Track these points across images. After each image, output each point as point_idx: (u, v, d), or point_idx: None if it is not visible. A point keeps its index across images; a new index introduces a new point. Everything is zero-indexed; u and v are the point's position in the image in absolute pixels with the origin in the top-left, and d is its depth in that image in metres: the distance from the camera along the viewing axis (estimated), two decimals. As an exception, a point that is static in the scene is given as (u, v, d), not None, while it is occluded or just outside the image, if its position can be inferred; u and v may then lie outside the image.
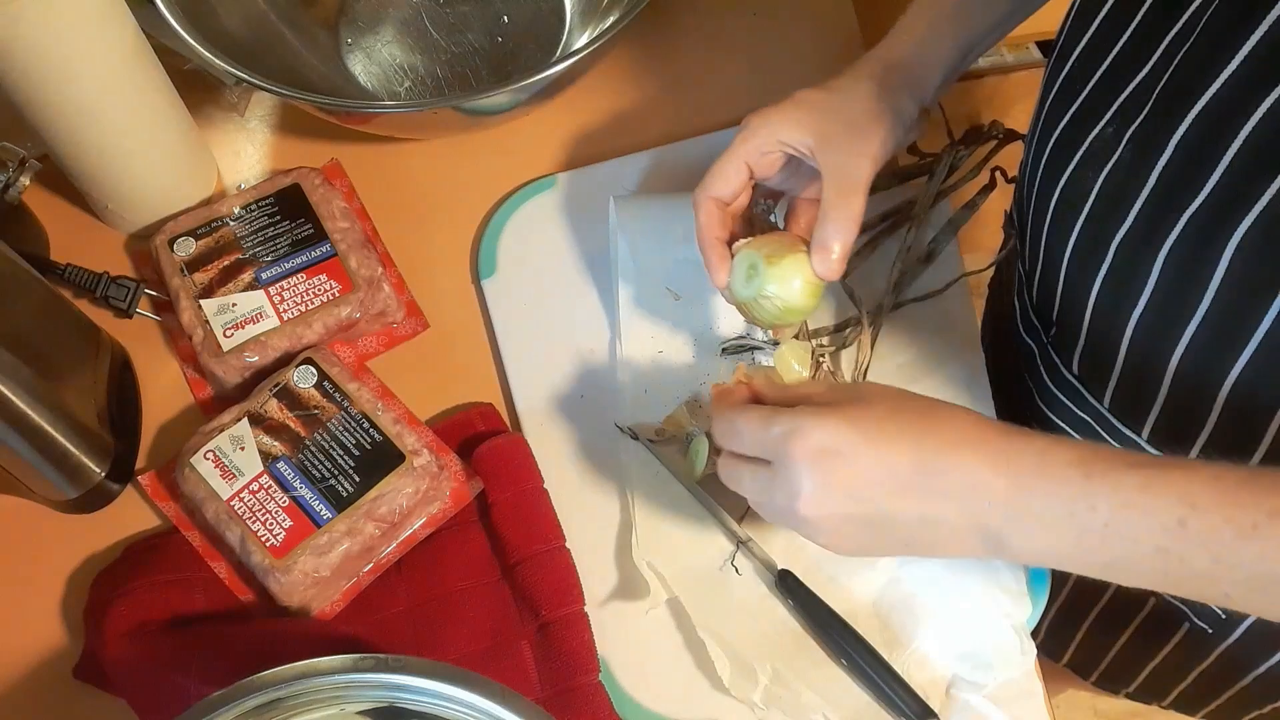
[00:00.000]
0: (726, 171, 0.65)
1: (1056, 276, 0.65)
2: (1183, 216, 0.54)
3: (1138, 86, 0.56)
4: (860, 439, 0.51)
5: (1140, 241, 0.57)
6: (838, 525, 0.53)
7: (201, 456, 0.67)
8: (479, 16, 0.90)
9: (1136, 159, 0.56)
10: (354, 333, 0.75)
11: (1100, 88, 0.59)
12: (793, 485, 0.52)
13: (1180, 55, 0.53)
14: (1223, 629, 0.72)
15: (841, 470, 0.51)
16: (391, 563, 0.68)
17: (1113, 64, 0.59)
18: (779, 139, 0.64)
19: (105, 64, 0.69)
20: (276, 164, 0.85)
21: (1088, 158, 0.60)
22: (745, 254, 0.64)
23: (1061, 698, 1.09)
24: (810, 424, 0.51)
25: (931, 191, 0.77)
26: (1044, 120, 0.65)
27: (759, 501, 0.55)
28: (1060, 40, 0.64)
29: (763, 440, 0.53)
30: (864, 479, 0.51)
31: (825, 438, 0.51)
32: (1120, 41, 0.58)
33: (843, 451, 0.51)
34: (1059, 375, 0.69)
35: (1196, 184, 0.52)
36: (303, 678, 0.53)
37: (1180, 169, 0.53)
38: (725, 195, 0.65)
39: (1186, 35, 0.53)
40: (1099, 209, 0.59)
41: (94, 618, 0.66)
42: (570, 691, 0.64)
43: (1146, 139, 0.55)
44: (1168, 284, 0.56)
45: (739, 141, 0.64)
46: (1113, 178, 0.58)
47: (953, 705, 0.63)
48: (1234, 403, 0.57)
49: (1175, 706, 0.85)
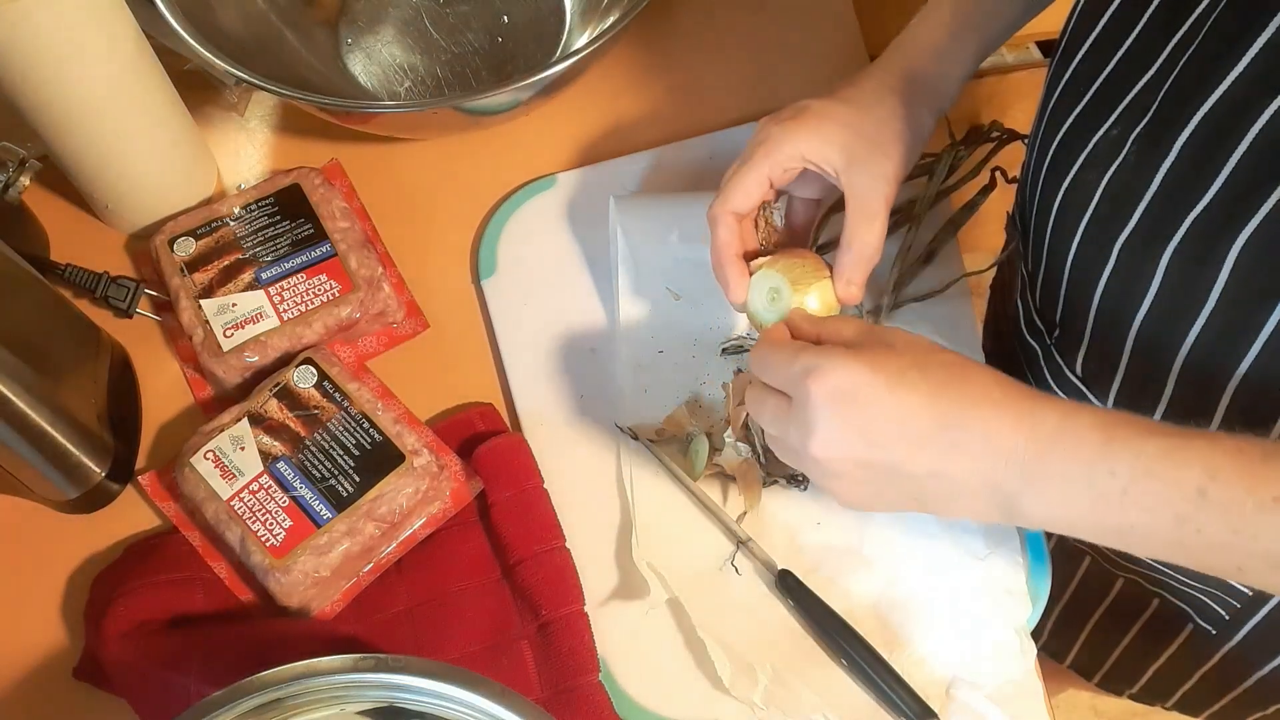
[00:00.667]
0: (748, 185, 0.62)
1: (1060, 278, 0.65)
2: (1187, 219, 0.53)
3: (1143, 88, 0.56)
4: (880, 384, 0.50)
5: (1144, 243, 0.57)
6: (848, 470, 0.52)
7: (201, 456, 0.67)
8: (479, 16, 0.90)
9: (1142, 161, 0.56)
10: (354, 333, 0.75)
11: (1106, 89, 0.59)
12: (808, 424, 0.51)
13: (1185, 58, 0.53)
14: (1226, 630, 0.72)
15: (857, 414, 0.50)
16: (391, 563, 0.68)
17: (1118, 66, 0.58)
18: (804, 155, 0.62)
19: (105, 64, 0.69)
20: (276, 164, 0.85)
21: (1092, 159, 0.60)
22: (767, 274, 0.62)
23: (1061, 698, 1.09)
24: (831, 364, 0.51)
25: (931, 191, 0.78)
26: (1047, 121, 0.64)
27: (774, 436, 0.55)
28: (1064, 41, 0.64)
29: (786, 374, 0.53)
30: (879, 425, 0.50)
31: (845, 379, 0.50)
32: (1126, 43, 0.58)
33: (860, 395, 0.50)
34: (1063, 377, 0.69)
35: (1201, 187, 0.52)
36: (303, 678, 0.53)
37: (1185, 172, 0.53)
38: (745, 209, 0.63)
39: (1192, 38, 0.53)
40: (1103, 210, 0.59)
41: (94, 618, 0.66)
42: (570, 691, 0.64)
43: (1152, 141, 0.55)
44: (1172, 286, 0.56)
45: (761, 156, 0.62)
46: (1117, 179, 0.58)
47: (953, 705, 0.63)
48: (1238, 405, 0.57)
49: (1178, 708, 0.85)
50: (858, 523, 0.68)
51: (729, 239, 0.63)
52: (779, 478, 0.69)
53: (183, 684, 0.61)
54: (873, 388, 0.50)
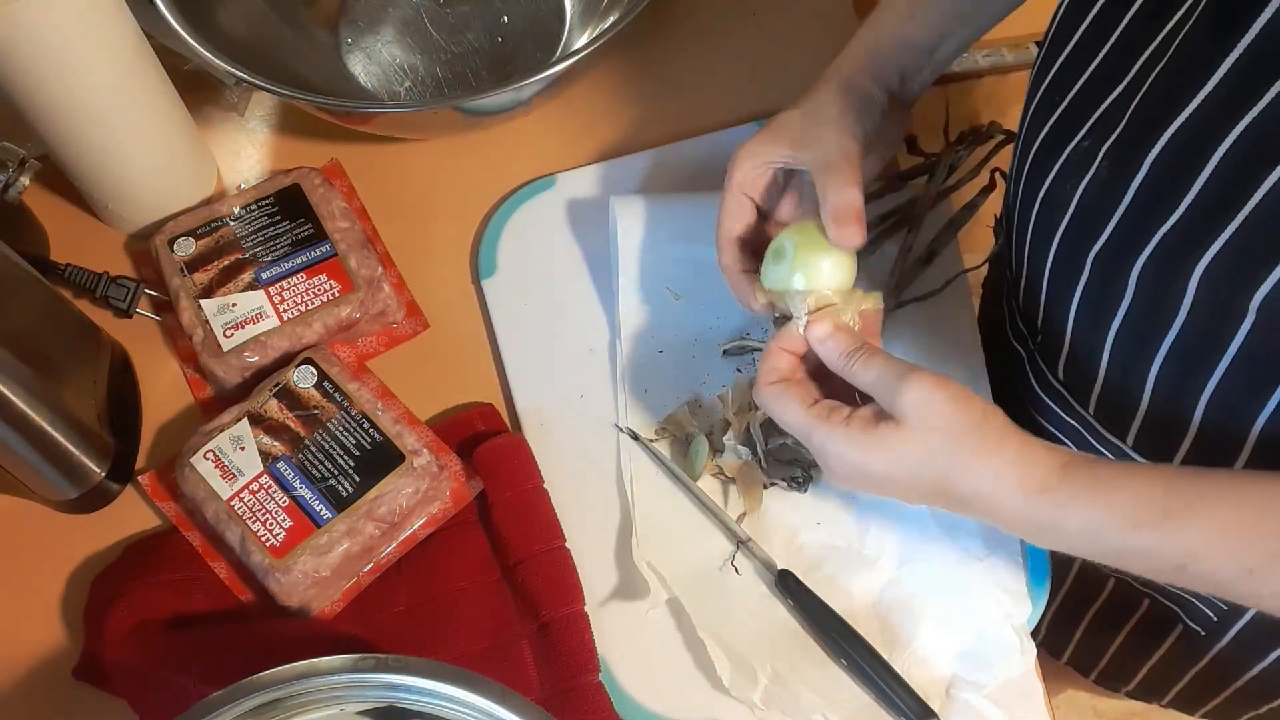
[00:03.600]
0: (730, 207, 0.66)
1: (1040, 285, 0.65)
2: (1156, 235, 0.53)
3: (1114, 101, 0.56)
4: (889, 471, 0.55)
5: (1116, 256, 0.57)
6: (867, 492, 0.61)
7: (201, 456, 0.67)
8: (479, 16, 0.90)
9: (1113, 175, 0.56)
10: (354, 333, 0.75)
11: (1080, 99, 0.59)
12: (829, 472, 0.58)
13: (1156, 72, 0.53)
14: (1216, 631, 0.72)
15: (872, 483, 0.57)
16: (391, 563, 0.68)
17: (1092, 75, 0.58)
18: (762, 159, 0.65)
19: (105, 64, 0.69)
20: (276, 164, 0.85)
21: (1066, 169, 0.60)
22: (772, 245, 0.64)
23: (1061, 698, 1.09)
24: (845, 450, 0.55)
25: (931, 192, 0.77)
26: (1028, 127, 0.64)
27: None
28: (1044, 47, 0.64)
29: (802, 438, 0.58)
30: (892, 489, 0.57)
31: (858, 463, 0.55)
32: (1101, 52, 0.58)
33: (873, 474, 0.56)
34: (1046, 381, 0.70)
35: (1171, 203, 0.52)
36: (303, 678, 0.53)
37: (1155, 187, 0.53)
38: (739, 230, 0.66)
39: (1163, 52, 0.53)
40: (1077, 221, 0.59)
41: (94, 618, 0.66)
42: (570, 691, 0.64)
43: (1123, 156, 0.55)
44: (1144, 299, 0.56)
45: (730, 176, 0.66)
46: (1090, 191, 0.58)
47: (953, 705, 0.63)
48: (1211, 416, 0.57)
49: (1175, 705, 0.85)
50: (858, 523, 0.68)
51: (732, 263, 0.67)
52: (779, 480, 0.69)
53: (183, 684, 0.61)
54: (884, 473, 0.55)
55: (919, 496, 0.56)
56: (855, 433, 0.55)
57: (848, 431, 0.55)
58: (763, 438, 0.69)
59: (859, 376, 0.57)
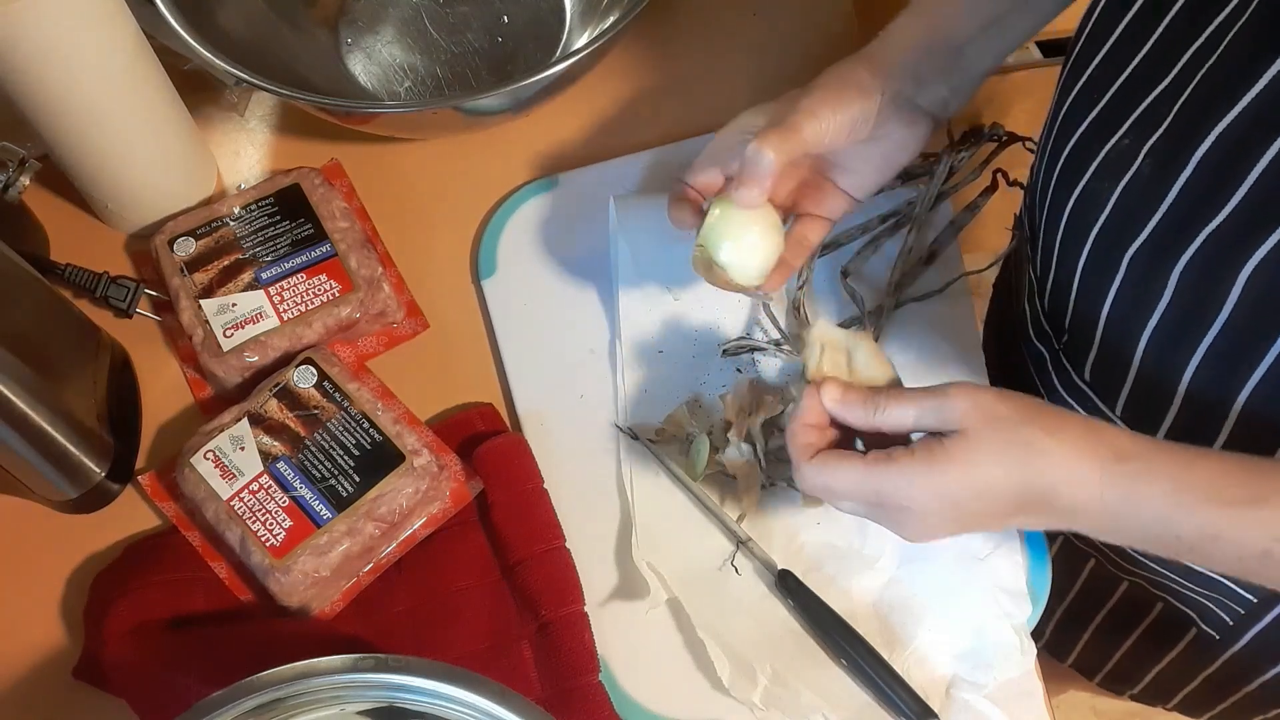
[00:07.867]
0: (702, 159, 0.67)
1: (1070, 285, 0.65)
2: (1201, 234, 0.53)
3: (1157, 99, 0.56)
4: (971, 485, 0.52)
5: (1155, 256, 0.56)
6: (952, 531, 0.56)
7: (201, 456, 0.67)
8: (479, 16, 0.90)
9: (1156, 174, 0.55)
10: (354, 333, 0.75)
11: (1119, 98, 0.59)
12: (906, 523, 0.54)
13: (1204, 71, 0.52)
14: (1230, 636, 0.71)
15: (959, 510, 0.53)
16: (391, 563, 0.68)
17: (1133, 74, 0.58)
18: (738, 126, 0.65)
19: (105, 64, 0.69)
20: (276, 164, 0.85)
21: (1104, 168, 0.59)
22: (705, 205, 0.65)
23: (1061, 698, 1.09)
24: (922, 481, 0.52)
25: (932, 193, 0.77)
26: (1059, 129, 0.64)
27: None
28: (1078, 45, 0.63)
29: (869, 497, 0.54)
30: (977, 508, 0.53)
31: (938, 489, 0.52)
32: (1142, 51, 0.57)
33: (958, 498, 0.52)
34: (1069, 381, 0.69)
35: (1217, 203, 0.52)
36: (303, 678, 0.53)
37: (1201, 187, 0.53)
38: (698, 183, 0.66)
39: (1210, 50, 0.52)
40: (1114, 221, 0.59)
41: (94, 618, 0.66)
42: (570, 691, 0.64)
43: (1167, 154, 0.54)
44: (1182, 300, 0.56)
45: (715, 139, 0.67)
46: (1130, 190, 0.57)
47: (953, 705, 0.63)
48: (1246, 420, 0.57)
49: (1180, 709, 0.85)
50: (858, 523, 0.68)
51: (676, 197, 0.67)
52: (780, 480, 0.69)
53: (183, 684, 0.61)
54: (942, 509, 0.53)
55: (1004, 505, 0.52)
56: (924, 458, 0.52)
57: (915, 463, 0.52)
58: (763, 438, 0.69)
59: (894, 416, 0.54)
